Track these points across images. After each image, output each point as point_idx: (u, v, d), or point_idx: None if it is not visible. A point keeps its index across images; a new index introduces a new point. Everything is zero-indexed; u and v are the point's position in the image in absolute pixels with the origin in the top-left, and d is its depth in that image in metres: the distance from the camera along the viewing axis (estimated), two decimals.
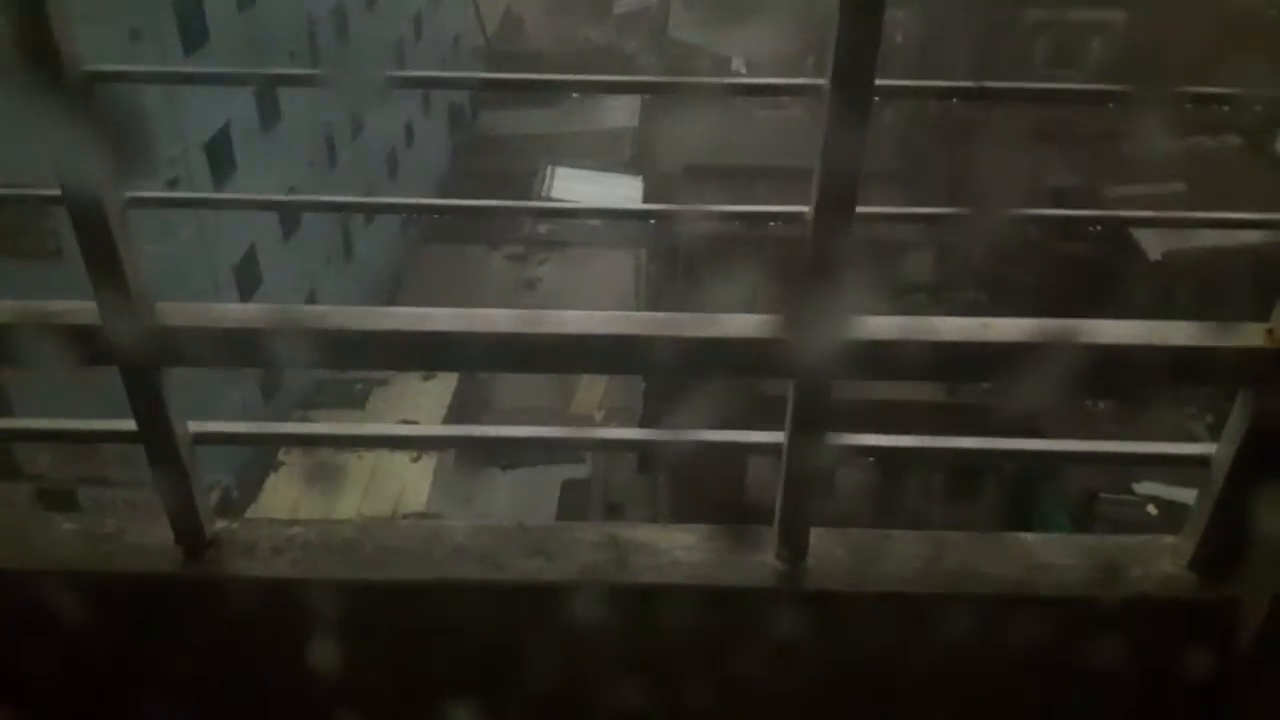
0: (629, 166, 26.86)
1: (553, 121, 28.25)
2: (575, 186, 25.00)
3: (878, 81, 1.67)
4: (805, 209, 1.79)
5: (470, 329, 1.91)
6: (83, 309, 1.88)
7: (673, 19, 30.85)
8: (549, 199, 24.30)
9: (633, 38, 33.14)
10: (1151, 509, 14.50)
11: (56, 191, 1.76)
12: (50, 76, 1.64)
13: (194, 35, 17.27)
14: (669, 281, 20.61)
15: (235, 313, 1.94)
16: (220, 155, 18.25)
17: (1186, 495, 2.13)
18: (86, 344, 1.90)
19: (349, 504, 17.46)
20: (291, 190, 20.14)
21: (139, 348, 1.88)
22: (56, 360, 1.94)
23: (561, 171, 25.69)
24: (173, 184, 16.08)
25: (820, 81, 1.69)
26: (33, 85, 1.66)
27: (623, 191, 24.95)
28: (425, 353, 1.94)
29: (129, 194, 1.82)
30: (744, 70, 27.92)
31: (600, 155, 26.93)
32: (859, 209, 1.77)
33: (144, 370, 1.92)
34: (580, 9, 34.92)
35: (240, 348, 1.95)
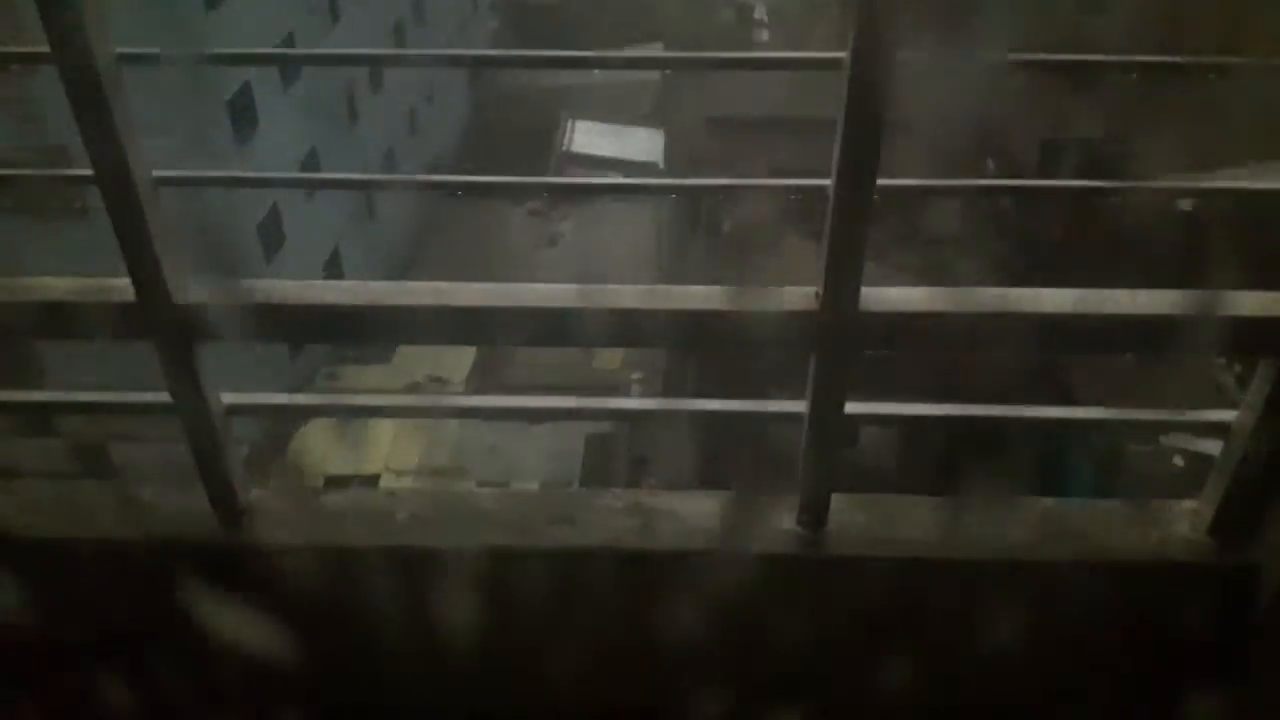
0: (650, 119, 26.60)
1: (573, 74, 27.92)
2: (596, 140, 24.80)
3: (899, 53, 1.66)
4: (826, 182, 1.79)
5: (500, 304, 1.94)
6: (118, 286, 1.92)
7: None
8: (570, 152, 24.13)
9: None
10: (1178, 460, 14.40)
11: (89, 171, 1.80)
12: (79, 58, 1.67)
13: None
14: (691, 238, 20.51)
15: (266, 288, 1.97)
16: (242, 112, 18.27)
17: (1213, 446, 2.14)
18: (122, 320, 1.94)
19: (376, 457, 17.63)
20: (313, 147, 20.15)
21: (173, 324, 1.92)
22: (93, 335, 1.99)
23: (582, 125, 25.46)
24: (195, 138, 16.08)
25: (840, 55, 1.68)
26: (61, 67, 1.68)
27: (644, 145, 24.73)
28: (453, 328, 1.97)
29: (158, 173, 1.85)
30: (766, 18, 27.50)
31: (621, 108, 26.64)
32: (880, 181, 1.77)
33: (178, 345, 1.96)
34: None
35: (272, 323, 1.99)
